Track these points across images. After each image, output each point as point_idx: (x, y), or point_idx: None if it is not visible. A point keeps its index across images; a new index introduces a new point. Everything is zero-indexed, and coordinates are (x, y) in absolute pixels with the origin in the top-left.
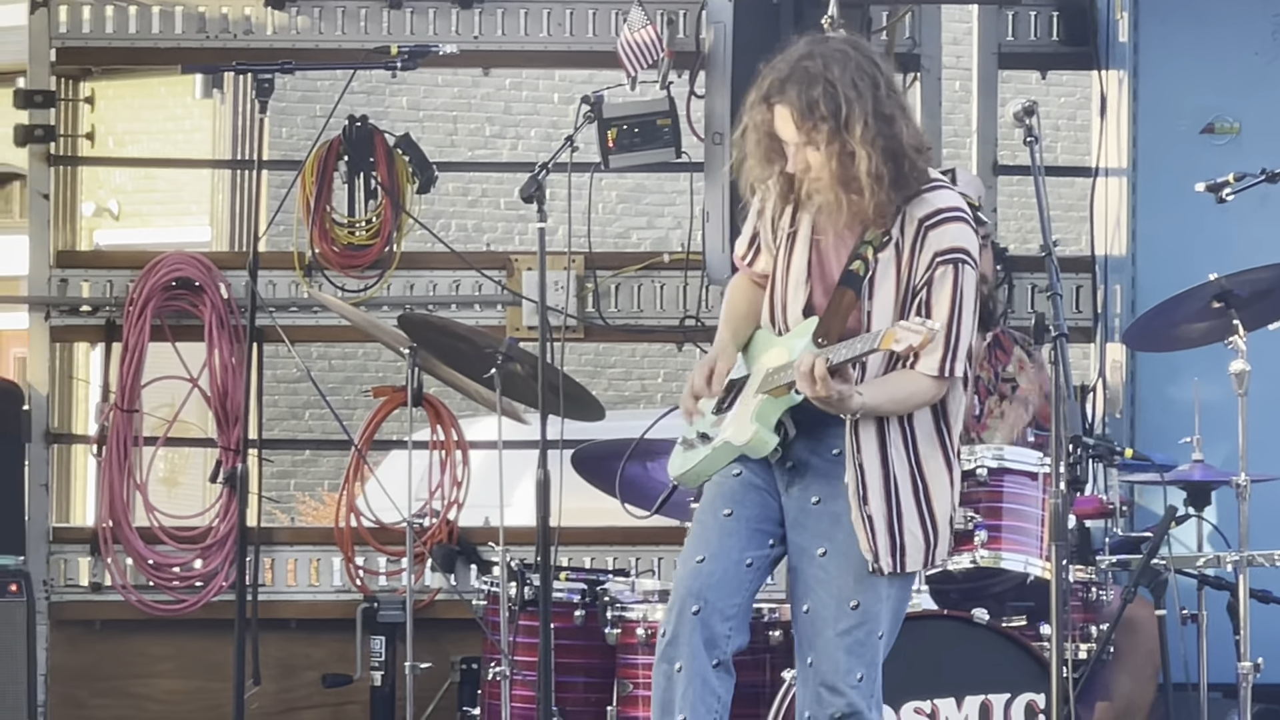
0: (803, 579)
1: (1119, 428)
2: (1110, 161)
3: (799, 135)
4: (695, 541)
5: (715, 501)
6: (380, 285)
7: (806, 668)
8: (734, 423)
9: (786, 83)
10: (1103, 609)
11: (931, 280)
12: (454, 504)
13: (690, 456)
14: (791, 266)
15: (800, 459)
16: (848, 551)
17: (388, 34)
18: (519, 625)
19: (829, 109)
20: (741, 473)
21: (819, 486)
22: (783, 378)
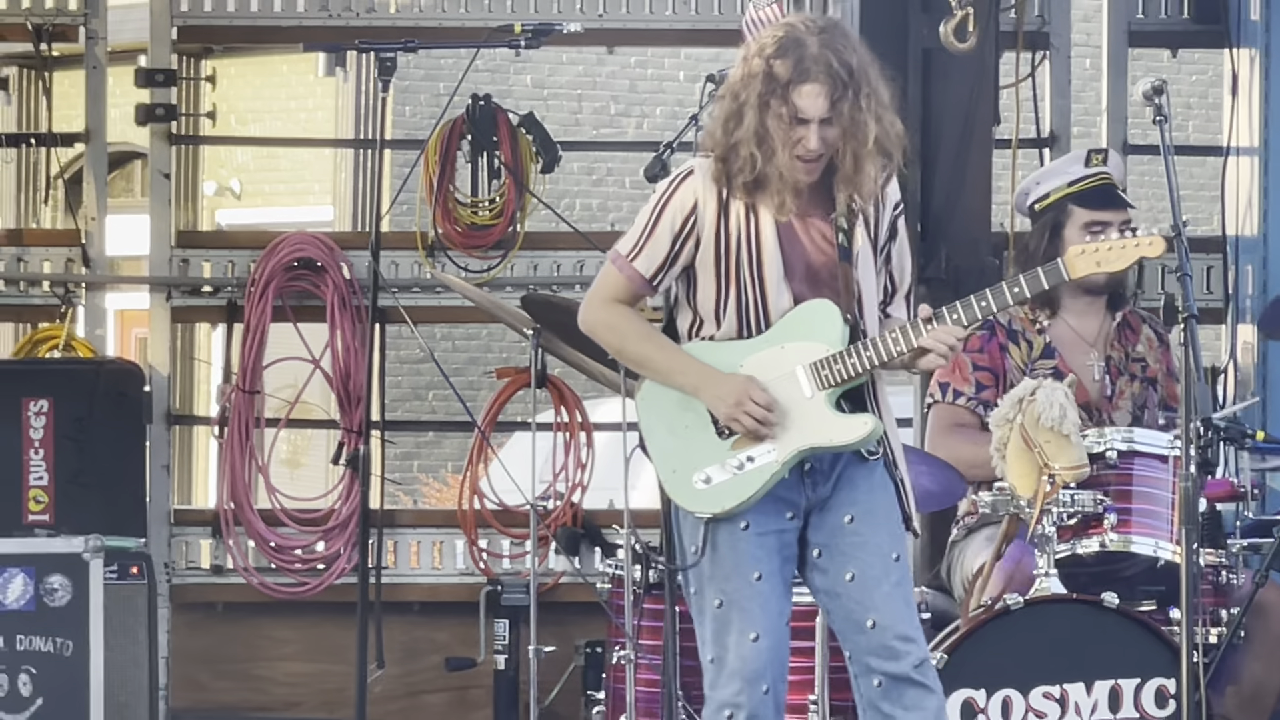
0: (839, 551)
1: (1250, 410)
2: (1241, 141)
3: (828, 111)
4: (742, 615)
5: (740, 566)
6: (504, 265)
7: (869, 631)
8: (810, 426)
9: (818, 59)
10: (1233, 593)
11: (895, 231)
12: (578, 486)
13: (748, 482)
14: (765, 264)
15: (816, 457)
16: (873, 509)
17: (511, 12)
18: (643, 609)
19: (861, 78)
20: (748, 524)
21: (835, 468)
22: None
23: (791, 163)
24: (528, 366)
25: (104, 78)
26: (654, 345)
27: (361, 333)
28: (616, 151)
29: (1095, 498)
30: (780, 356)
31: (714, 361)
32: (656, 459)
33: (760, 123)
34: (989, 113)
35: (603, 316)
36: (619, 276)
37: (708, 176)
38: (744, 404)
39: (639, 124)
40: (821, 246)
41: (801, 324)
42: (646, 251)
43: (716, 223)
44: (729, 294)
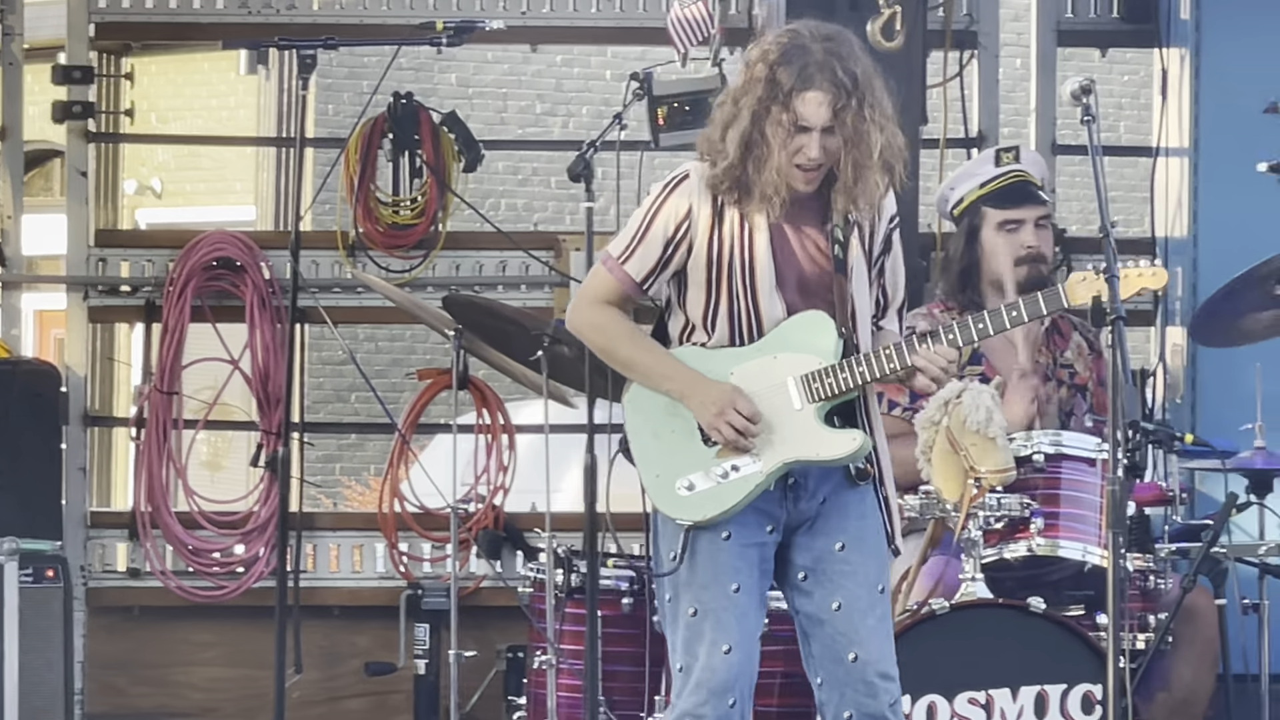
0: (827, 578)
1: (1179, 413)
2: (1171, 141)
3: (830, 120)
4: (715, 625)
5: (719, 576)
6: (425, 266)
7: (849, 664)
8: (797, 439)
9: (822, 66)
10: (1162, 598)
11: (890, 245)
12: (500, 489)
13: (731, 491)
14: (757, 272)
15: (799, 471)
16: (864, 538)
17: (434, 9)
18: (565, 613)
19: (865, 88)
20: (729, 534)
21: (822, 487)
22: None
23: (790, 171)
24: (450, 368)
25: (20, 74)
26: (642, 349)
27: (281, 333)
28: (542, 151)
29: (1022, 501)
30: (771, 367)
31: (704, 368)
32: (640, 463)
33: (759, 129)
34: (916, 112)
35: (590, 317)
36: (609, 278)
37: (703, 182)
38: (726, 414)
39: (565, 123)
40: (815, 257)
41: (795, 335)
42: (638, 255)
43: (710, 229)
44: (720, 301)
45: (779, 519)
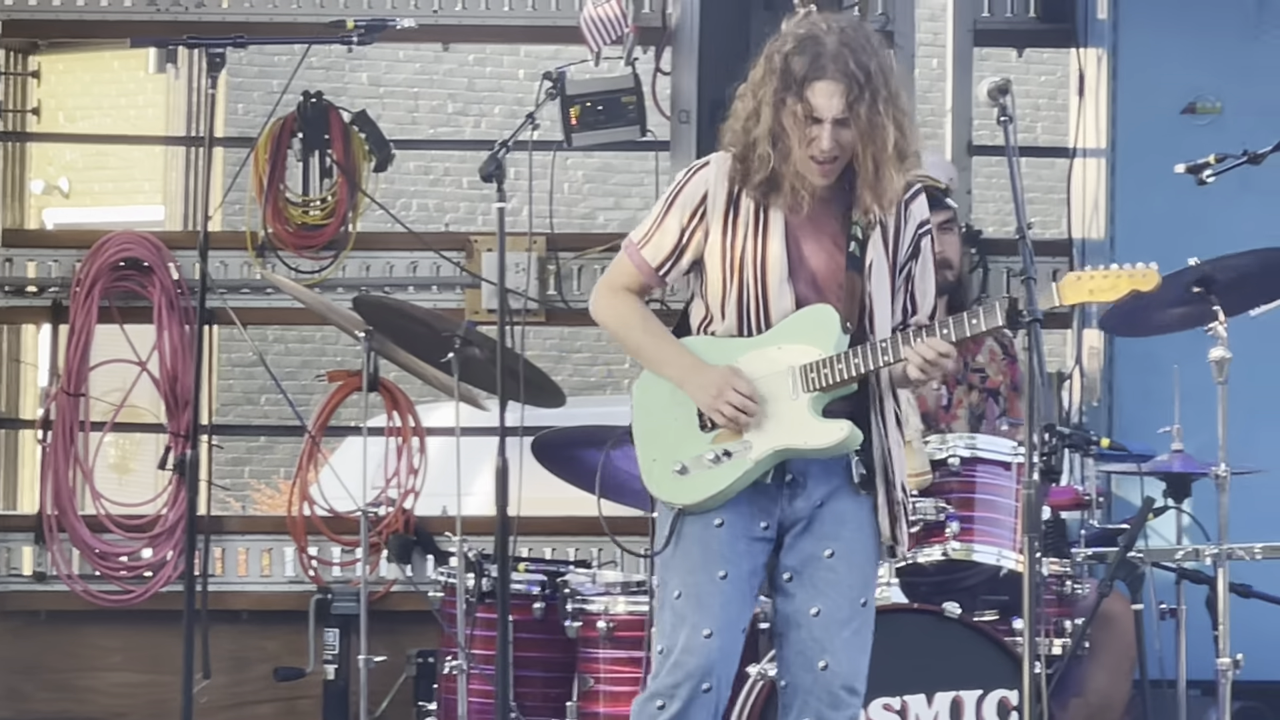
0: (810, 582)
1: (1096, 417)
2: (1088, 142)
3: (844, 110)
4: (698, 609)
5: (708, 561)
6: (335, 266)
7: (818, 672)
8: (788, 427)
9: (834, 59)
10: (1078, 603)
11: (919, 251)
12: (410, 492)
13: (720, 475)
14: (769, 265)
15: (799, 469)
16: (854, 549)
17: (344, 7)
18: (476, 618)
19: (878, 81)
20: (723, 523)
21: (820, 489)
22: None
23: (806, 163)
24: (360, 370)
25: None
26: (649, 335)
27: (190, 335)
28: (454, 150)
29: (937, 505)
30: (775, 356)
31: (711, 356)
32: (639, 446)
33: (776, 120)
34: None
35: (607, 302)
36: (628, 264)
37: (723, 170)
38: (725, 394)
39: (477, 123)
40: (831, 252)
41: (801, 327)
42: (655, 241)
43: (725, 216)
44: (731, 290)
45: (774, 516)
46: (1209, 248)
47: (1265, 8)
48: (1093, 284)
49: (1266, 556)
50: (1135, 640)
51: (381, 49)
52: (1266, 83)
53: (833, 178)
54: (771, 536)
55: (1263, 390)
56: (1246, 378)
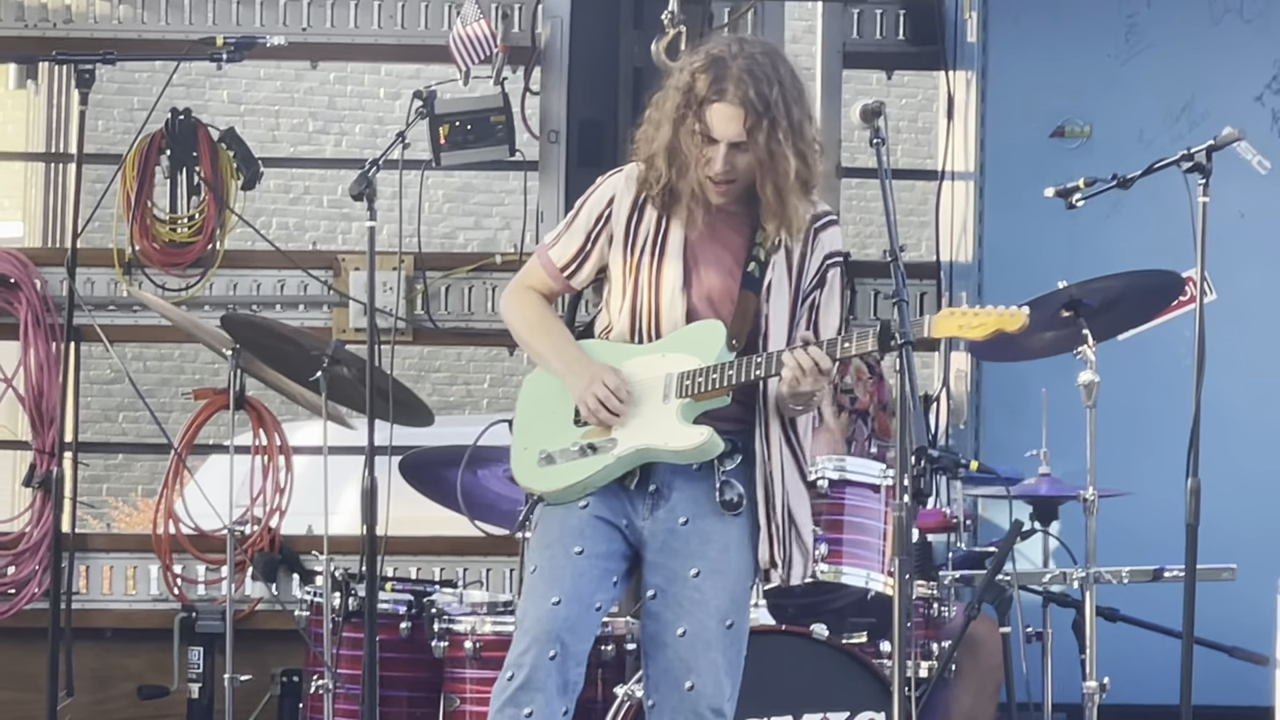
0: (675, 602)
1: (963, 439)
2: (957, 165)
3: (740, 134)
4: (548, 579)
5: (564, 537)
6: (202, 284)
7: (684, 692)
8: (653, 428)
9: (738, 82)
10: (944, 626)
11: (824, 281)
12: (276, 511)
13: (581, 467)
14: (664, 275)
15: (664, 481)
16: (723, 569)
17: (213, 24)
18: (343, 637)
19: (778, 111)
20: (589, 505)
21: (685, 506)
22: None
23: (704, 180)
24: (225, 387)
25: None
26: (543, 333)
27: (55, 351)
28: (315, 169)
29: None
30: (658, 363)
31: (600, 358)
32: (515, 435)
33: (675, 135)
34: None
35: (512, 300)
36: (536, 265)
37: (633, 178)
38: (594, 387)
39: (338, 141)
40: (730, 269)
41: (688, 339)
42: (563, 243)
43: (628, 221)
44: (627, 297)
45: (634, 520)
46: (1078, 271)
47: (1134, 32)
48: (963, 320)
49: (1133, 580)
50: (1002, 663)
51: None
52: (1135, 106)
53: (730, 198)
54: (627, 537)
55: (1130, 414)
56: (1114, 402)
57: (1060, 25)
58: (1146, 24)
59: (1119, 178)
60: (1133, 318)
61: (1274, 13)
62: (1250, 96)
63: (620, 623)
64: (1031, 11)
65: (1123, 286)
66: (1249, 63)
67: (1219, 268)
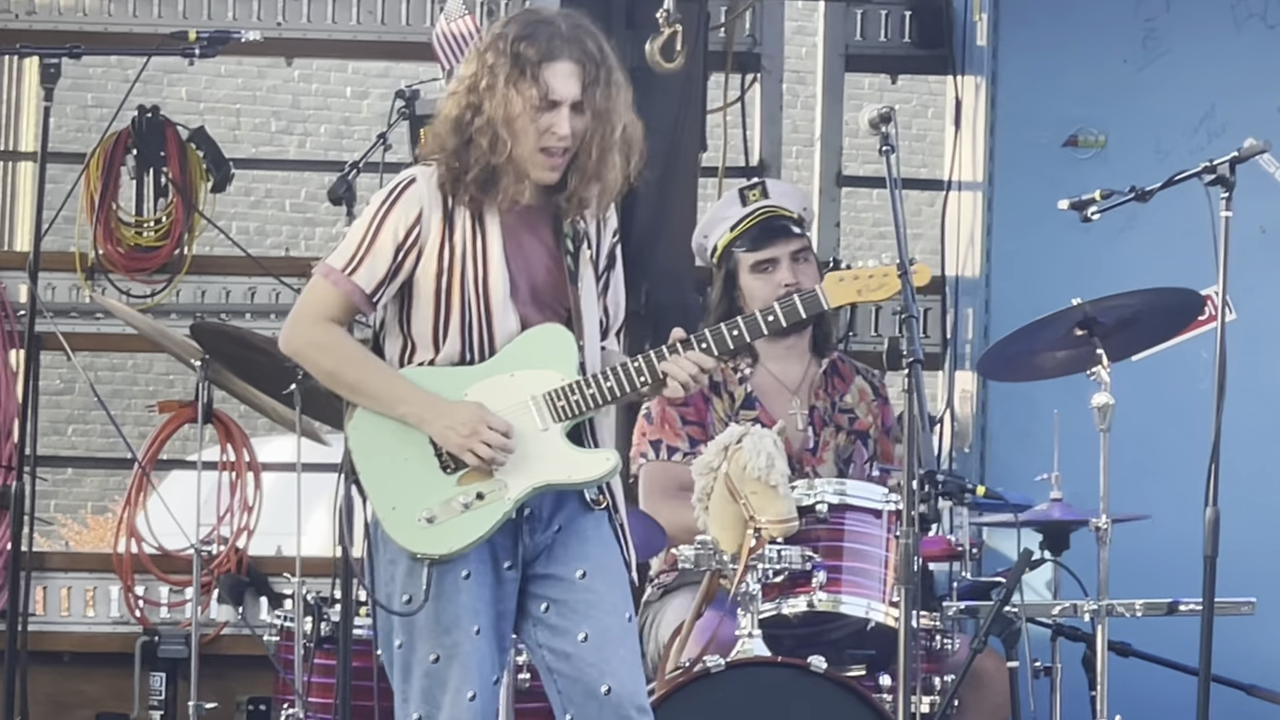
0: (568, 608)
1: (967, 463)
2: (964, 175)
3: (578, 93)
4: (459, 672)
5: (461, 617)
6: (170, 291)
7: (603, 698)
8: (545, 462)
9: (569, 41)
10: (948, 659)
11: (614, 259)
12: (244, 530)
13: (477, 520)
14: (491, 283)
15: (533, 502)
16: (607, 565)
17: (184, 18)
18: (314, 664)
19: (610, 66)
20: (469, 573)
21: (556, 515)
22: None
23: (534, 157)
24: (191, 400)
25: None
26: (372, 370)
27: (14, 360)
28: (277, 171)
29: (804, 554)
30: (510, 385)
31: (435, 389)
32: (373, 494)
33: (506, 107)
34: (695, 138)
35: (312, 336)
36: (333, 292)
37: (433, 184)
38: (480, 433)
39: (302, 142)
40: (548, 265)
41: (532, 350)
42: (367, 265)
43: (441, 235)
44: (450, 315)
45: (517, 554)
46: (1091, 288)
47: (1152, 37)
48: (859, 283)
49: (1147, 614)
50: (1008, 700)
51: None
52: (1152, 115)
53: (560, 172)
54: (516, 575)
55: (1146, 439)
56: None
57: (1074, 29)
58: (1165, 28)
59: (1137, 190)
60: (1149, 337)
61: None
62: (1274, 106)
63: None
64: (1044, 14)
65: (1139, 304)
66: (1273, 70)
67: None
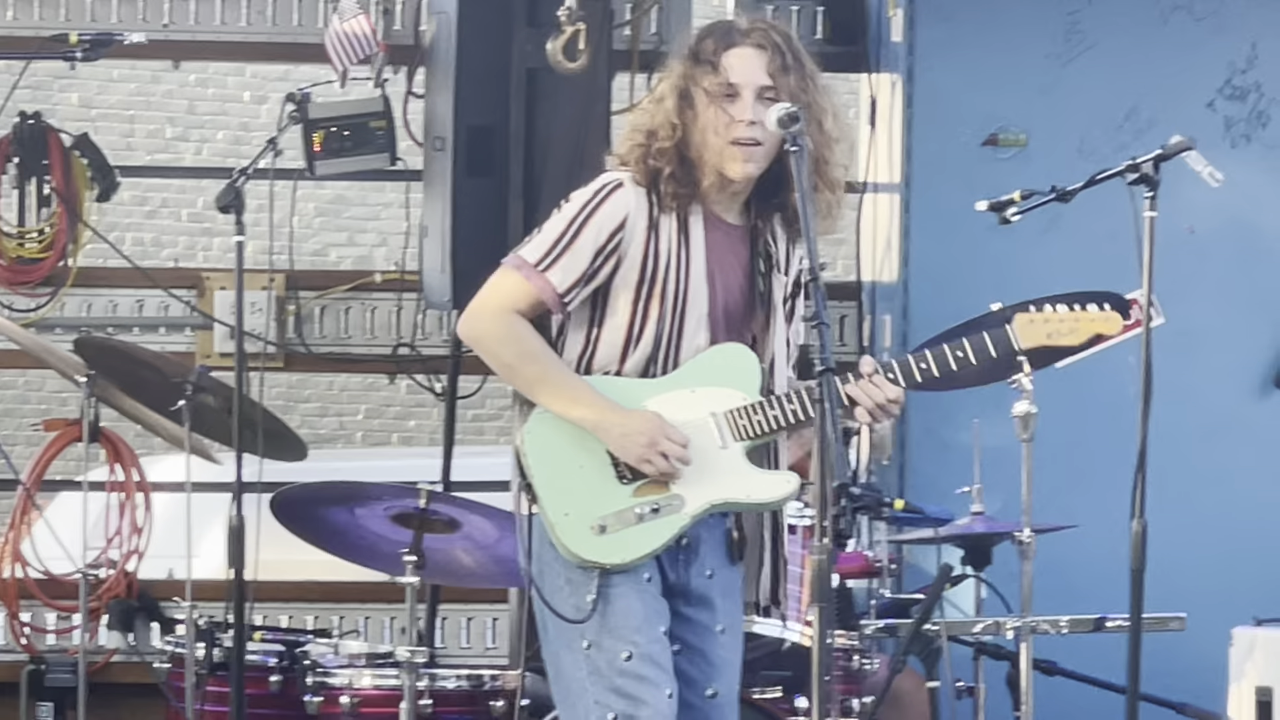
0: (706, 660)
1: (887, 476)
2: (880, 176)
3: (766, 77)
4: (656, 670)
5: (650, 617)
6: (54, 304)
7: None
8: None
9: (749, 32)
10: (867, 680)
11: (799, 284)
12: (134, 553)
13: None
14: (690, 300)
15: (693, 534)
16: (737, 627)
17: (66, 20)
18: (207, 691)
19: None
20: (651, 577)
21: (712, 558)
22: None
23: (726, 151)
24: (78, 418)
25: None
26: (553, 369)
27: None
28: (173, 179)
29: None
30: (690, 400)
31: (615, 398)
32: (546, 501)
33: (686, 101)
34: (601, 138)
35: (495, 327)
36: (525, 286)
37: (638, 187)
38: (659, 443)
39: (198, 149)
40: (743, 286)
41: (714, 368)
42: (564, 263)
43: (646, 243)
44: (645, 326)
45: (667, 580)
46: (1013, 291)
47: (1075, 31)
48: (1049, 326)
49: (1073, 630)
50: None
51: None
52: (1075, 113)
53: (759, 166)
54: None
55: (1070, 448)
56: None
57: (994, 24)
58: (1089, 23)
59: (1058, 190)
60: None
61: (1227, 11)
62: (1201, 102)
63: (512, 676)
64: (962, 9)
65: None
66: (1200, 65)
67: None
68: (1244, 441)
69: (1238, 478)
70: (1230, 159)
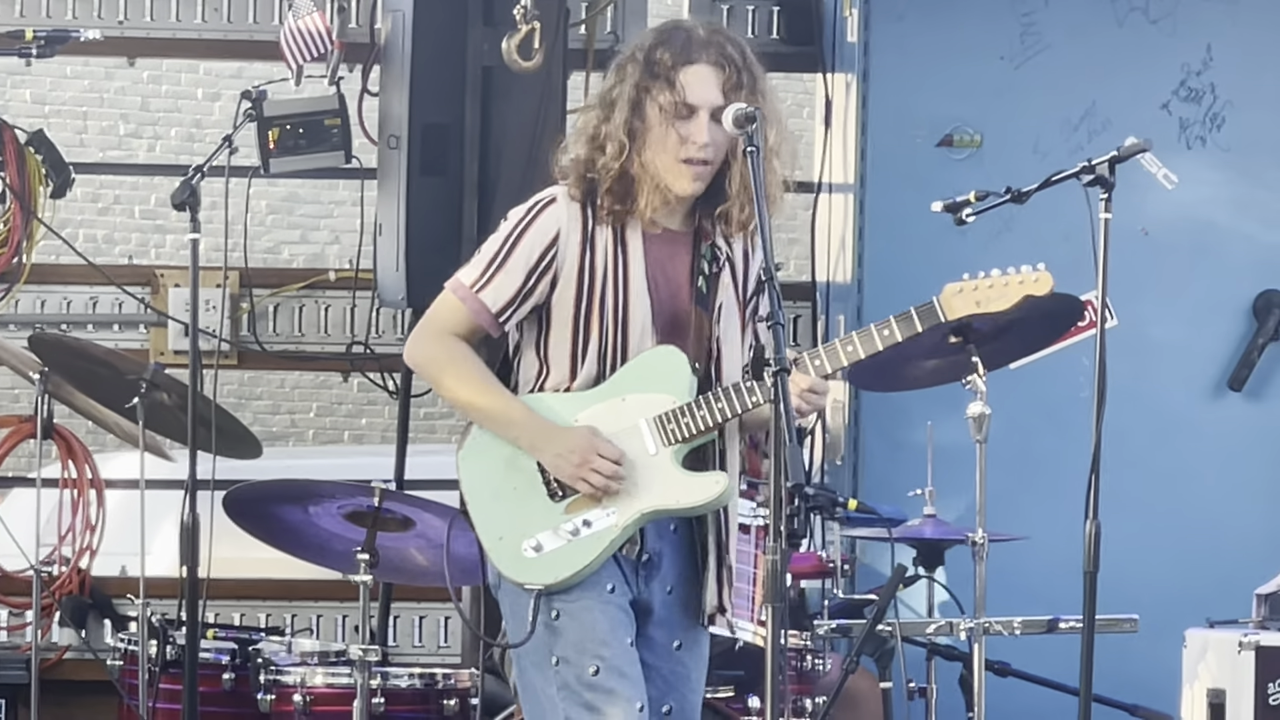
0: (660, 676)
1: (839, 476)
2: (835, 176)
3: (720, 98)
4: (624, 683)
5: (615, 628)
6: (7, 300)
7: None
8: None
9: (706, 45)
10: (819, 681)
11: (760, 292)
12: (86, 550)
13: (583, 548)
14: (631, 310)
15: (654, 548)
16: (697, 640)
17: (20, 16)
18: (159, 689)
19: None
20: (614, 587)
21: (672, 573)
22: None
23: (674, 168)
24: (31, 414)
25: None
26: (487, 393)
27: None
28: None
29: None
30: (621, 409)
31: (550, 414)
32: (480, 525)
33: (635, 115)
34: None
35: (433, 350)
36: (460, 308)
37: (572, 204)
38: (590, 460)
39: (151, 146)
40: (679, 286)
41: (644, 373)
42: (496, 283)
43: (581, 257)
44: (588, 341)
45: (629, 595)
46: None
47: (1030, 32)
48: (978, 294)
49: (1026, 631)
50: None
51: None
52: (1030, 114)
53: (705, 184)
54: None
55: (1023, 450)
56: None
57: (949, 25)
58: (1044, 24)
59: (1012, 191)
60: (1027, 344)
61: (1182, 13)
62: (1156, 104)
63: (465, 674)
64: (917, 9)
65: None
66: (1155, 67)
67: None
68: (1198, 443)
69: (1192, 479)
70: (1185, 161)
